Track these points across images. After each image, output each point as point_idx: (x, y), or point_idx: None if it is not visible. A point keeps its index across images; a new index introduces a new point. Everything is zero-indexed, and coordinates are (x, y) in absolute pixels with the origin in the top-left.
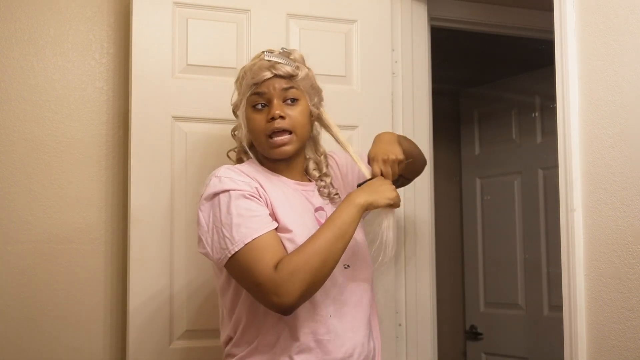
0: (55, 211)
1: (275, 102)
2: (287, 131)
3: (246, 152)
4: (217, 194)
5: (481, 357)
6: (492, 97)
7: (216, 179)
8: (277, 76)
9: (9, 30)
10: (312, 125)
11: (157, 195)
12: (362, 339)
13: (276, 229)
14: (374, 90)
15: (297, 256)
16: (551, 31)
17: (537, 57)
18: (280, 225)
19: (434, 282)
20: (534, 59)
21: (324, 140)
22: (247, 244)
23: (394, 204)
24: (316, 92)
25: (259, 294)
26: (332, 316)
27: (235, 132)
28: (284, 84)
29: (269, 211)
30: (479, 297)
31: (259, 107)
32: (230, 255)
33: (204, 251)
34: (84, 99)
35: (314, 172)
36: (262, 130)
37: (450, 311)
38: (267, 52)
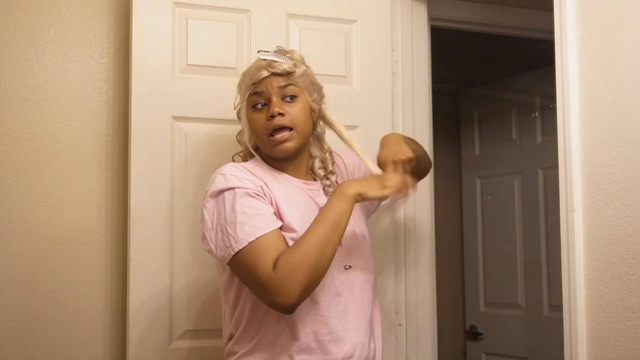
0: (55, 211)
1: (274, 100)
2: (287, 128)
3: (252, 154)
4: (222, 191)
5: (481, 357)
6: (492, 97)
7: (221, 176)
8: (274, 74)
9: (9, 30)
10: (316, 122)
11: (157, 195)
12: (363, 339)
13: (280, 228)
14: (374, 90)
15: (294, 254)
16: (551, 31)
17: (537, 57)
18: (284, 224)
19: (434, 282)
20: (534, 59)
21: (329, 139)
22: (250, 243)
23: (392, 192)
24: (316, 88)
25: (262, 293)
26: (333, 316)
27: (239, 136)
28: (282, 82)
29: (274, 210)
30: (479, 297)
31: (259, 106)
32: (233, 253)
33: (207, 248)
34: (84, 99)
35: (320, 171)
36: (263, 129)
37: (450, 311)
38: (262, 51)
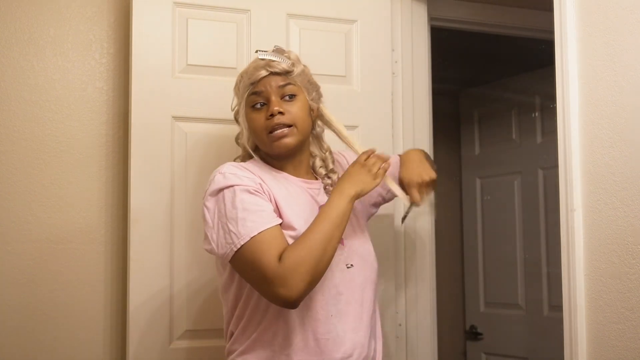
0: (55, 211)
1: (273, 99)
2: (287, 126)
3: (251, 156)
4: (221, 189)
5: (481, 357)
6: (492, 97)
7: (220, 175)
8: (273, 74)
9: (9, 30)
10: (314, 121)
11: (157, 195)
12: (363, 339)
13: (280, 225)
14: (374, 90)
15: (300, 247)
16: (551, 31)
17: (537, 57)
18: (284, 222)
19: (434, 282)
20: (534, 59)
21: (330, 139)
22: (252, 238)
23: (381, 177)
24: (314, 87)
25: (265, 287)
26: (332, 316)
27: (238, 139)
28: (281, 81)
29: (273, 207)
30: (479, 297)
31: (258, 106)
32: (235, 249)
33: (208, 247)
34: (84, 99)
35: (321, 170)
36: (263, 128)
37: (450, 311)
38: (260, 51)
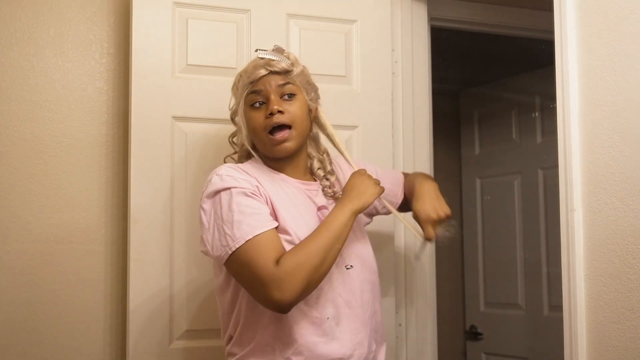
0: (55, 211)
1: (272, 98)
2: (286, 126)
3: (248, 156)
4: (218, 191)
5: (481, 357)
6: (492, 97)
7: (217, 177)
8: (272, 73)
9: (9, 30)
10: (313, 122)
11: (157, 195)
12: (362, 340)
13: (276, 229)
14: (374, 90)
15: (299, 253)
16: (551, 31)
17: (537, 57)
18: (279, 226)
19: (434, 282)
20: (534, 59)
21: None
22: (248, 241)
23: (380, 190)
24: (312, 88)
25: (259, 289)
26: (331, 318)
27: (233, 138)
28: (280, 80)
29: (270, 210)
30: (479, 297)
31: (257, 105)
32: (230, 252)
33: (204, 249)
34: (84, 99)
35: (319, 171)
36: (262, 127)
37: (450, 311)
38: (260, 50)
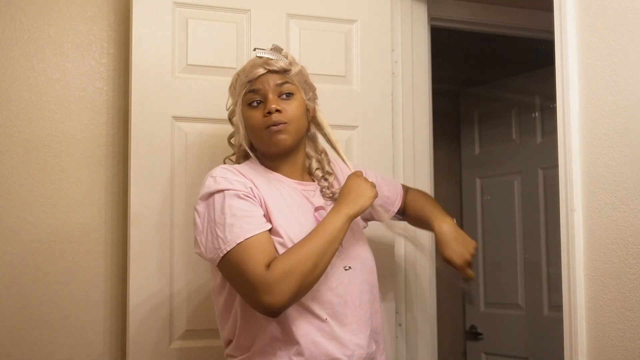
0: (55, 211)
1: (270, 97)
2: (283, 123)
3: (246, 156)
4: (212, 194)
5: (481, 357)
6: (492, 97)
7: (212, 179)
8: (271, 72)
9: (9, 30)
10: (310, 122)
11: (157, 195)
12: (362, 341)
13: (270, 231)
14: (374, 90)
15: (291, 257)
16: (551, 31)
17: (537, 57)
18: (272, 228)
19: (434, 282)
20: (534, 59)
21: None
22: (239, 244)
23: (375, 192)
24: (310, 88)
25: (250, 293)
26: (330, 319)
27: (231, 139)
28: (278, 79)
29: (263, 212)
30: (479, 297)
31: (255, 104)
32: (222, 254)
33: (198, 251)
34: (84, 99)
35: (317, 172)
36: (260, 125)
37: (450, 311)
38: (258, 49)
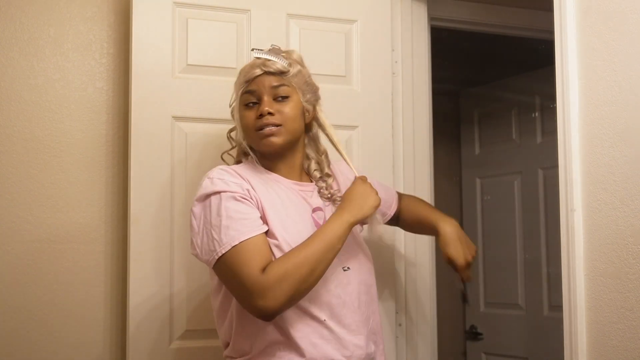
0: (55, 211)
1: (265, 99)
2: (275, 125)
3: (246, 153)
4: (208, 195)
5: (481, 357)
6: (492, 97)
7: (208, 180)
8: (267, 73)
9: (9, 30)
10: (311, 124)
11: (157, 195)
12: (360, 341)
13: (266, 233)
14: (374, 90)
15: (288, 262)
16: (551, 31)
17: (537, 57)
18: (268, 230)
19: (434, 282)
20: (534, 59)
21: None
22: (234, 247)
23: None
24: (310, 89)
25: (244, 296)
26: (329, 319)
27: (231, 133)
28: (275, 81)
29: (260, 214)
30: (479, 297)
31: (251, 104)
32: (217, 257)
33: (194, 252)
34: (84, 99)
35: (316, 173)
36: (252, 126)
37: (450, 311)
38: (256, 50)
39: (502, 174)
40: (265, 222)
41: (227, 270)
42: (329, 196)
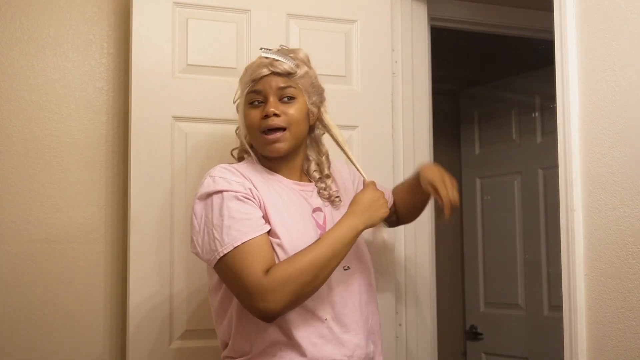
0: (55, 211)
1: (271, 99)
2: (281, 129)
3: (247, 150)
4: (210, 194)
5: (481, 357)
6: (492, 97)
7: (210, 179)
8: (274, 73)
9: (9, 30)
10: (314, 125)
11: (157, 195)
12: (360, 341)
13: (268, 232)
14: (374, 90)
15: (292, 266)
16: (551, 31)
17: (537, 57)
18: (271, 229)
19: (434, 282)
20: (534, 59)
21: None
22: (236, 247)
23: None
24: (316, 91)
25: (245, 297)
26: (329, 319)
27: (237, 130)
28: (281, 82)
29: (262, 213)
30: (479, 297)
31: (256, 103)
32: (219, 257)
33: (195, 251)
34: (84, 99)
35: (315, 174)
36: (257, 126)
37: (450, 311)
38: (264, 49)
39: (502, 174)
40: (267, 221)
41: (228, 270)
42: (328, 197)
